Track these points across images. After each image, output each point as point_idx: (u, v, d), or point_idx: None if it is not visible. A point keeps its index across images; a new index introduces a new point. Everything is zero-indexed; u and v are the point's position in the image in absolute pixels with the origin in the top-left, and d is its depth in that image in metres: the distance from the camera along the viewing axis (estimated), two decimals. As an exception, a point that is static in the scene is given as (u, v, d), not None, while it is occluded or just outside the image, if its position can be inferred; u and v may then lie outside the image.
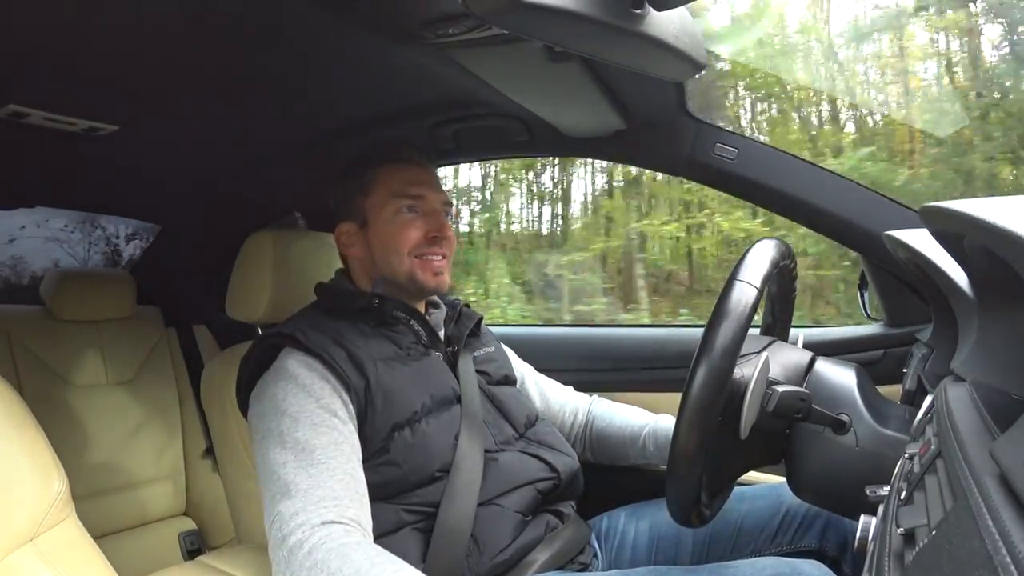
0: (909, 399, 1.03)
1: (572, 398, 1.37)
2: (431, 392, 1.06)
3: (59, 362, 1.69)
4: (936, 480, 0.47)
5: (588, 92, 1.16)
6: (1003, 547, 0.30)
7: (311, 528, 0.85)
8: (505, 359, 1.29)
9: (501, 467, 1.05)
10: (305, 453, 0.92)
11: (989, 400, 0.53)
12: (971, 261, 0.59)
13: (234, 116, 1.29)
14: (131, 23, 0.89)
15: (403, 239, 1.11)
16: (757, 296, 0.82)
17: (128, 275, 1.87)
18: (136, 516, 1.75)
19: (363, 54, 1.05)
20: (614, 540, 1.18)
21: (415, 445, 1.01)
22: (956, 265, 0.71)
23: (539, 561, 1.02)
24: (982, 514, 0.33)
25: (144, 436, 1.80)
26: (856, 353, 1.39)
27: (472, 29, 0.87)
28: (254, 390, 1.05)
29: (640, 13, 0.78)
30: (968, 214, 0.47)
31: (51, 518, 0.73)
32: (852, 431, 0.89)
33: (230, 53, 1.02)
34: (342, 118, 1.37)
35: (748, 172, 1.34)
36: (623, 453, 1.27)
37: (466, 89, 1.19)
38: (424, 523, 0.99)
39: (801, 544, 1.06)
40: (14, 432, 0.75)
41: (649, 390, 1.56)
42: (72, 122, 1.15)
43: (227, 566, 1.04)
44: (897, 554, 0.46)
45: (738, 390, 0.84)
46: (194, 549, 1.81)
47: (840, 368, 0.97)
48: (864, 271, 1.43)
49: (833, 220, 1.32)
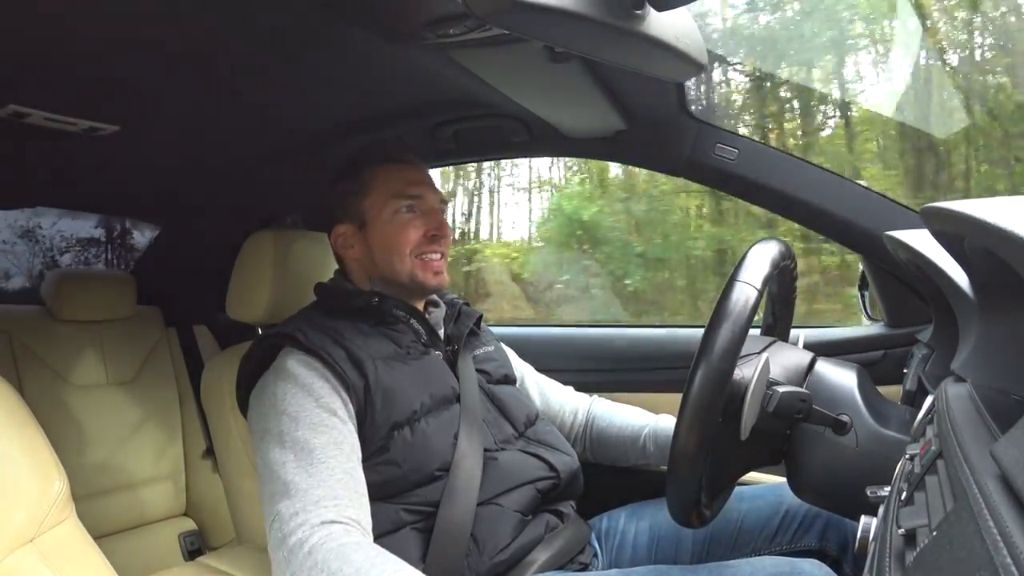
0: (910, 400, 1.03)
1: (572, 398, 1.37)
2: (431, 391, 1.06)
3: (59, 362, 1.69)
4: (937, 481, 0.47)
5: (589, 92, 1.16)
6: (1004, 547, 0.30)
7: (311, 528, 0.85)
8: (505, 358, 1.29)
9: (501, 466, 1.05)
10: (305, 453, 0.92)
11: (990, 401, 0.53)
12: (972, 262, 0.59)
13: (235, 116, 1.29)
14: (132, 24, 0.89)
15: (403, 239, 1.11)
16: (757, 297, 0.82)
17: (128, 275, 1.87)
18: (136, 516, 1.75)
19: (364, 55, 1.05)
20: (614, 540, 1.17)
21: (415, 444, 1.01)
22: (956, 266, 0.70)
23: (539, 561, 1.02)
24: (983, 515, 0.33)
25: (144, 436, 1.80)
26: (856, 354, 1.39)
27: (473, 30, 0.87)
28: (254, 390, 1.05)
29: (640, 13, 0.78)
30: (969, 215, 0.47)
31: (51, 518, 0.73)
32: (853, 432, 0.89)
33: (231, 53, 1.02)
34: (343, 118, 1.37)
35: (748, 172, 1.34)
36: (623, 453, 1.27)
37: (467, 89, 1.19)
38: (424, 523, 0.99)
39: (801, 544, 1.05)
40: (14, 432, 0.75)
41: (649, 390, 1.56)
42: (72, 122, 1.15)
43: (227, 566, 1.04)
44: (898, 555, 0.46)
45: (738, 391, 0.84)
46: (194, 549, 1.81)
47: (841, 369, 0.97)
48: (864, 272, 1.43)
49: (833, 220, 1.32)
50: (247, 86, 1.15)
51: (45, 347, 1.68)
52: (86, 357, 1.74)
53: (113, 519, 1.69)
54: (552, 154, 1.52)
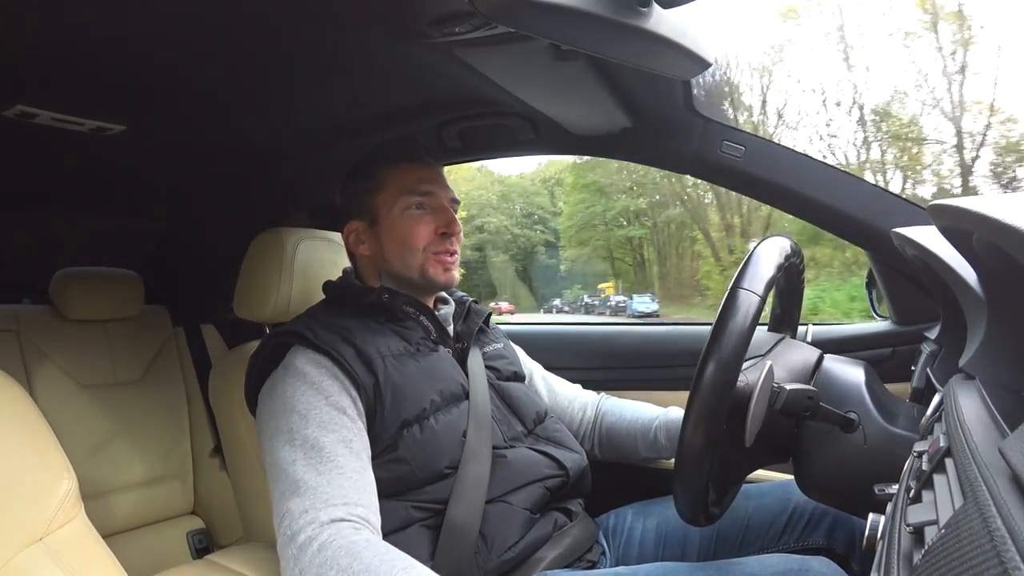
0: (918, 397, 1.03)
1: (581, 395, 1.37)
2: (440, 388, 1.06)
3: (67, 361, 1.70)
4: (945, 478, 0.47)
5: (595, 90, 1.15)
6: (1012, 545, 0.30)
7: (320, 525, 0.85)
8: (514, 356, 1.29)
9: (510, 464, 1.05)
10: (314, 451, 0.93)
11: (998, 398, 0.53)
12: (980, 258, 0.59)
13: (241, 116, 1.30)
14: (138, 24, 0.89)
15: (415, 235, 1.12)
16: (760, 303, 0.81)
17: (136, 275, 1.88)
18: (144, 515, 1.76)
19: (370, 53, 1.05)
20: (621, 537, 1.18)
21: (424, 442, 1.01)
22: (964, 262, 0.70)
23: (547, 559, 1.02)
24: (991, 512, 0.33)
25: (152, 435, 1.80)
26: (864, 351, 1.39)
27: (478, 28, 0.87)
28: (263, 388, 1.06)
29: (646, 11, 0.78)
30: (977, 211, 0.46)
31: (60, 517, 0.73)
32: (860, 429, 0.89)
33: (237, 53, 1.02)
34: (349, 117, 1.37)
35: (755, 169, 1.33)
36: (633, 447, 1.26)
37: (473, 88, 1.19)
38: (432, 520, 0.99)
39: (809, 541, 1.05)
40: (23, 432, 0.76)
41: (657, 388, 1.56)
42: (80, 122, 1.16)
43: (236, 564, 1.04)
44: (906, 552, 0.46)
45: (742, 398, 0.84)
46: (202, 548, 1.81)
47: (848, 366, 0.97)
48: (872, 269, 1.43)
49: (841, 217, 1.32)
50: (254, 86, 1.16)
51: (53, 346, 1.68)
52: (94, 356, 1.75)
53: (121, 518, 1.70)
54: (558, 152, 1.52)
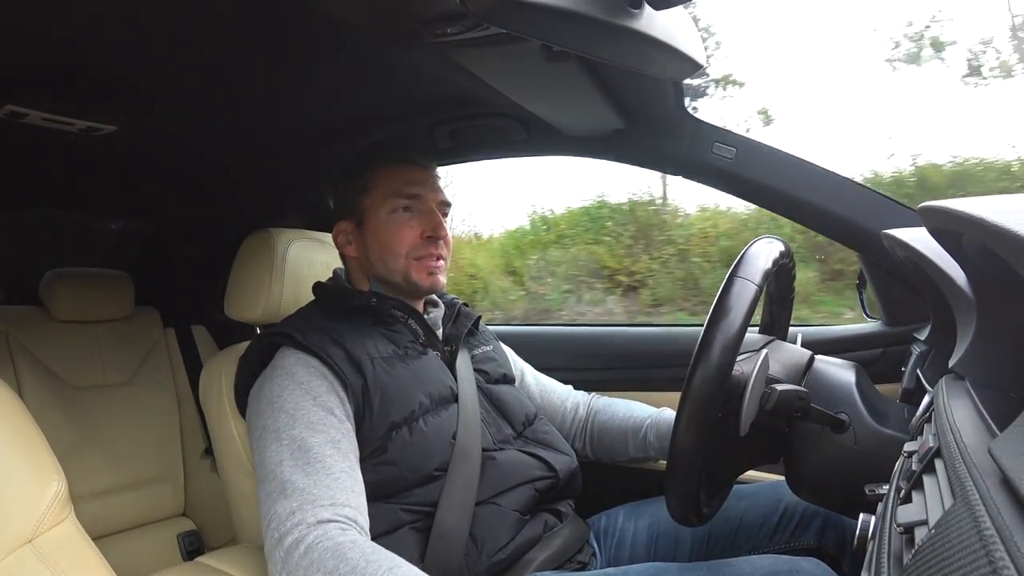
0: (908, 397, 1.03)
1: (572, 395, 1.37)
2: (429, 391, 1.06)
3: (58, 363, 1.69)
4: (935, 478, 0.47)
5: (586, 91, 1.15)
6: (1001, 545, 0.30)
7: (307, 527, 0.85)
8: (504, 358, 1.29)
9: (499, 466, 1.05)
10: (302, 451, 0.92)
11: (988, 398, 0.53)
12: (970, 259, 0.59)
13: (232, 116, 1.29)
14: (129, 24, 0.89)
15: (398, 239, 1.11)
16: (757, 292, 0.81)
17: (126, 275, 1.87)
18: (135, 517, 1.75)
19: (361, 54, 1.05)
20: (613, 538, 1.17)
21: (413, 444, 1.01)
22: (954, 263, 0.70)
23: (537, 560, 1.02)
24: (981, 512, 0.33)
25: (143, 436, 1.79)
26: (854, 352, 1.39)
27: (470, 28, 0.86)
28: (252, 389, 1.05)
29: (638, 12, 0.78)
30: (967, 213, 0.47)
31: (50, 519, 0.73)
32: (851, 430, 0.89)
33: (228, 53, 1.02)
34: (340, 118, 1.36)
35: (746, 171, 1.34)
36: (624, 446, 1.26)
37: (464, 88, 1.19)
38: (422, 522, 0.99)
39: (800, 542, 1.05)
40: (12, 433, 0.75)
41: (649, 389, 1.55)
42: (70, 122, 1.15)
43: (227, 566, 1.03)
44: (896, 552, 0.46)
45: (737, 387, 0.84)
46: (193, 550, 1.80)
47: (839, 367, 0.97)
48: (862, 270, 1.43)
49: (831, 219, 1.32)
50: (244, 86, 1.15)
51: (43, 347, 1.67)
52: (84, 357, 1.74)
53: (112, 520, 1.69)
54: (550, 153, 1.52)
